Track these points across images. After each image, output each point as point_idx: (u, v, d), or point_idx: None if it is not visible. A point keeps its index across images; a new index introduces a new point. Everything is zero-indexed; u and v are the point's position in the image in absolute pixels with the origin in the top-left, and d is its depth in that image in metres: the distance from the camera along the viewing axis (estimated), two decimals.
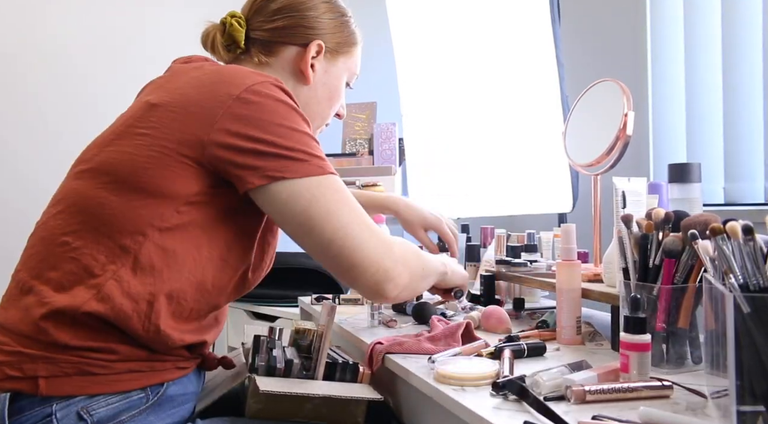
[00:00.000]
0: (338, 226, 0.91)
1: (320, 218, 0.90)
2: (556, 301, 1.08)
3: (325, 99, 1.10)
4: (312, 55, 1.04)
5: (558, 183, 1.80)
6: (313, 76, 1.06)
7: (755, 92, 1.86)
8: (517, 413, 0.74)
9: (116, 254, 0.86)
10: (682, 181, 1.06)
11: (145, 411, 0.87)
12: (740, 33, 1.89)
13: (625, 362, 0.80)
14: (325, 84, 1.09)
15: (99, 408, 0.83)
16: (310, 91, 1.07)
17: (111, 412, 0.84)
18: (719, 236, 0.67)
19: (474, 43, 2.06)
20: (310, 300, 1.60)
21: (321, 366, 0.97)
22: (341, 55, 1.09)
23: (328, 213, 0.90)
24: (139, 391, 0.87)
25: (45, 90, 2.36)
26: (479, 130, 2.06)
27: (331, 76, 1.09)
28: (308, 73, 1.05)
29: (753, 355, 0.61)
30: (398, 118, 2.41)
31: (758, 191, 1.86)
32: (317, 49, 1.05)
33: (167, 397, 0.90)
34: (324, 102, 1.10)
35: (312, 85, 1.07)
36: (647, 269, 0.89)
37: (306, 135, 0.91)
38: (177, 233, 0.88)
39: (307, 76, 1.05)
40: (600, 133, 1.24)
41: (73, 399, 0.83)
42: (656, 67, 2.21)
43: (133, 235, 0.86)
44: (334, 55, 1.08)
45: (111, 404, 0.84)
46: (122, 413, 0.85)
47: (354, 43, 1.11)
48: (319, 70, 1.07)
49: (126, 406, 0.85)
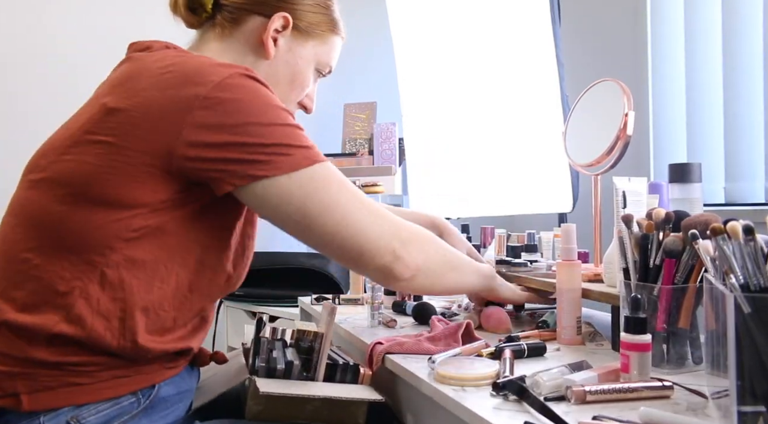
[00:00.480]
0: (339, 217, 0.88)
1: (318, 213, 0.87)
2: (556, 301, 1.07)
3: (287, 80, 1.02)
4: (276, 27, 0.97)
5: (558, 183, 1.80)
6: (274, 50, 0.98)
7: (755, 92, 1.86)
8: (518, 413, 0.73)
9: (81, 270, 0.81)
10: (683, 181, 1.06)
11: (137, 415, 0.84)
12: (740, 33, 1.89)
13: (626, 363, 0.80)
14: (288, 63, 1.01)
15: (89, 416, 0.81)
16: (270, 68, 0.99)
17: (101, 420, 0.82)
18: (720, 235, 0.67)
19: (474, 43, 2.06)
20: (310, 300, 1.60)
21: (321, 367, 0.96)
22: (312, 38, 1.02)
23: (325, 206, 0.87)
24: (129, 396, 0.84)
25: (43, 90, 2.35)
26: (479, 130, 2.06)
27: (296, 56, 1.01)
28: (268, 46, 0.97)
29: (754, 355, 0.61)
30: (398, 118, 2.41)
31: (759, 191, 1.86)
32: (283, 22, 0.97)
33: (160, 398, 0.88)
34: (285, 83, 1.02)
35: (272, 61, 0.99)
36: (648, 269, 0.89)
37: (286, 126, 0.85)
38: (145, 242, 0.82)
39: (266, 49, 0.97)
40: (600, 133, 1.24)
41: (60, 410, 0.80)
42: (656, 67, 2.21)
43: (98, 249, 0.81)
44: (303, 35, 1.00)
45: (101, 411, 0.82)
46: (113, 420, 0.82)
47: (331, 30, 1.05)
48: (283, 46, 0.99)
49: (117, 412, 0.83)
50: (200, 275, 0.89)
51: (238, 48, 0.98)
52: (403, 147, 2.43)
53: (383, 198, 2.38)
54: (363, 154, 2.59)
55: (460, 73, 2.10)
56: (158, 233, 0.83)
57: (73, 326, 0.80)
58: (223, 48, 0.98)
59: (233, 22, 0.97)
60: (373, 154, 2.55)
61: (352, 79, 2.89)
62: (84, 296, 0.81)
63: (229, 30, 0.98)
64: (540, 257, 1.45)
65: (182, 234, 0.85)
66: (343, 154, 2.63)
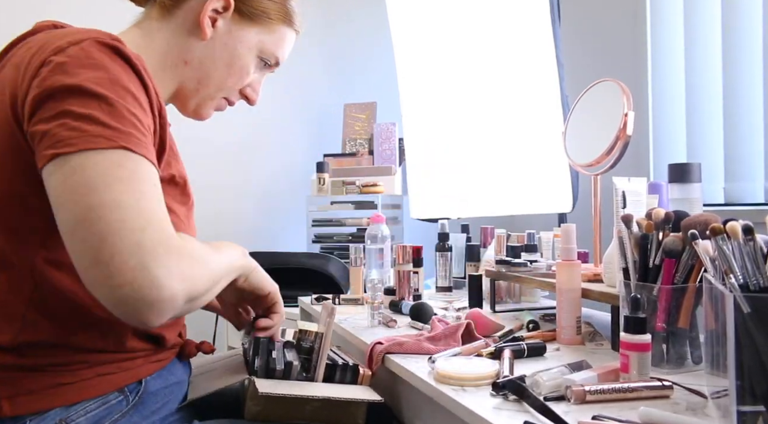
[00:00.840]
0: (95, 204, 0.67)
1: (75, 192, 0.68)
2: (556, 301, 1.08)
3: (224, 64, 0.95)
4: (216, 8, 0.92)
5: (558, 183, 1.80)
6: (211, 32, 0.93)
7: (755, 92, 1.86)
8: (517, 413, 0.74)
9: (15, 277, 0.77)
10: (682, 181, 1.06)
11: (127, 413, 0.83)
12: (740, 33, 1.89)
13: (625, 362, 0.80)
14: (226, 45, 0.95)
15: (78, 418, 0.79)
16: (206, 49, 0.94)
17: (91, 421, 0.79)
18: (719, 235, 0.67)
19: (474, 44, 2.06)
20: (310, 300, 1.60)
21: (321, 368, 0.96)
22: (257, 24, 0.96)
23: (87, 188, 0.68)
24: (116, 393, 0.82)
25: None
26: (479, 130, 2.06)
27: (236, 40, 0.95)
28: (204, 25, 0.92)
29: (753, 355, 0.61)
30: (398, 118, 2.41)
31: (758, 191, 1.86)
32: (223, 3, 0.92)
33: (149, 394, 0.86)
34: (222, 67, 0.95)
35: (209, 42, 0.93)
36: (647, 269, 0.89)
37: (110, 100, 0.72)
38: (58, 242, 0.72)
39: (203, 29, 0.92)
40: (600, 133, 1.24)
41: (47, 413, 0.78)
42: (656, 67, 2.21)
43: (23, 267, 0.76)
44: (247, 20, 0.95)
45: (90, 412, 0.80)
46: (103, 419, 0.80)
47: (281, 20, 0.98)
48: (222, 28, 0.94)
49: (106, 412, 0.81)
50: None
51: (175, 27, 0.93)
52: (403, 147, 2.43)
53: (383, 198, 2.38)
54: (363, 154, 2.59)
55: (460, 73, 2.11)
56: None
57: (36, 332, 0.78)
58: (161, 26, 0.94)
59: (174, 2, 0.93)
60: (373, 154, 2.55)
61: (352, 79, 2.90)
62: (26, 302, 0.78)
63: (169, 8, 0.93)
64: (540, 256, 1.45)
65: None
66: (343, 154, 2.64)
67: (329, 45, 2.82)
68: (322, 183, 2.40)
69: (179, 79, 0.96)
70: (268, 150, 2.70)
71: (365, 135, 2.64)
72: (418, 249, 1.49)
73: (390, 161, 2.51)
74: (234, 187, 2.61)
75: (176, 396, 0.93)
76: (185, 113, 1.02)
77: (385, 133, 2.52)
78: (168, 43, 0.94)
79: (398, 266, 1.47)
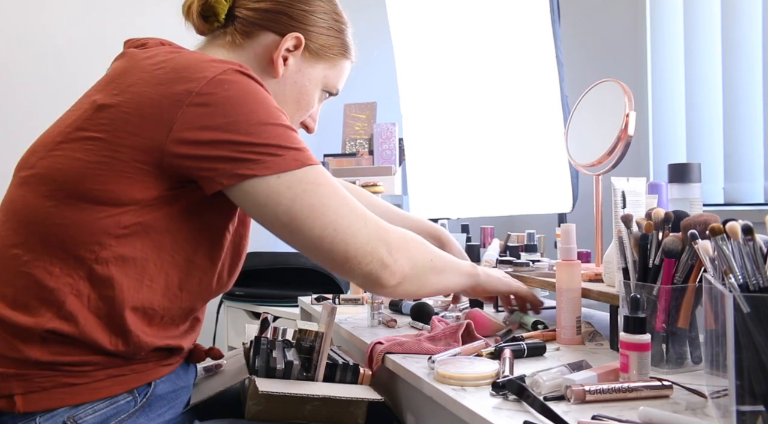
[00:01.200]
0: (326, 221, 0.86)
1: (306, 216, 0.85)
2: (556, 301, 1.08)
3: (293, 100, 1.02)
4: (288, 47, 0.97)
5: (558, 183, 1.80)
6: (284, 70, 0.98)
7: (755, 92, 1.86)
8: (517, 413, 0.74)
9: (71, 266, 0.80)
10: (682, 181, 1.06)
11: (134, 414, 0.84)
12: (740, 33, 1.89)
13: (625, 362, 0.80)
14: (296, 83, 1.01)
15: (86, 417, 0.81)
16: (278, 86, 0.99)
17: (98, 419, 0.81)
18: (719, 236, 0.67)
19: (474, 43, 2.06)
20: (310, 300, 1.60)
21: (321, 367, 0.96)
22: (323, 60, 1.02)
23: (313, 210, 0.85)
24: (125, 394, 0.84)
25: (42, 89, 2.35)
26: (479, 130, 2.06)
27: (305, 78, 1.01)
28: (278, 65, 0.97)
29: (753, 355, 0.61)
30: (398, 118, 2.41)
31: (758, 191, 1.86)
32: (295, 42, 0.97)
33: (156, 397, 0.88)
34: (291, 103, 1.02)
35: (281, 79, 0.99)
36: (647, 269, 0.89)
37: (278, 126, 0.84)
38: (135, 239, 0.82)
39: (276, 68, 0.97)
40: (602, 133, 1.24)
41: (57, 411, 0.80)
42: (656, 67, 2.21)
43: (87, 245, 0.80)
44: (314, 57, 1.01)
45: (98, 411, 0.82)
46: (110, 419, 0.82)
47: (342, 54, 1.05)
48: (293, 66, 0.99)
49: (114, 412, 0.83)
50: (190, 274, 0.88)
51: (246, 61, 0.96)
52: (403, 147, 2.43)
53: (383, 198, 2.38)
54: (363, 154, 2.59)
55: (460, 73, 2.11)
56: (148, 231, 0.82)
57: (66, 322, 0.79)
58: (231, 58, 0.96)
59: (245, 35, 0.97)
60: (373, 154, 2.55)
61: (352, 79, 2.89)
62: (74, 292, 0.80)
63: (240, 42, 0.97)
64: (540, 256, 1.46)
65: (172, 232, 0.84)
66: (343, 154, 2.64)
67: None
68: None
69: None
70: None
71: (365, 135, 2.64)
72: None
73: (390, 161, 2.51)
74: None
75: (182, 399, 0.94)
76: None
77: (385, 133, 2.52)
78: None
79: None
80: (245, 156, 0.81)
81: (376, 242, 0.91)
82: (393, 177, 2.42)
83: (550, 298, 1.55)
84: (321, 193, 0.86)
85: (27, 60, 2.33)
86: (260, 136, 0.82)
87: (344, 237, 0.88)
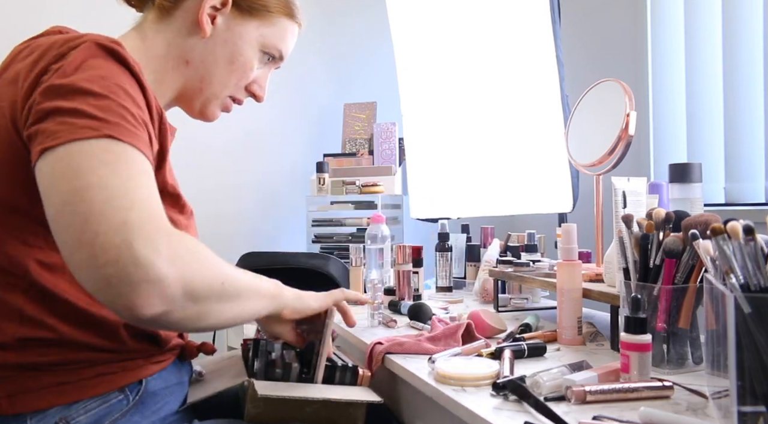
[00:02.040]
0: (79, 186, 0.65)
1: (61, 179, 0.66)
2: (557, 301, 1.07)
3: (225, 61, 0.94)
4: (214, 5, 0.92)
5: (558, 183, 1.80)
6: (211, 29, 0.92)
7: (756, 92, 1.86)
8: (517, 413, 0.73)
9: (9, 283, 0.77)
10: (683, 181, 1.06)
11: (127, 413, 0.82)
12: (740, 33, 1.89)
13: (626, 363, 0.80)
14: (227, 42, 0.94)
15: (78, 417, 0.78)
16: (207, 47, 0.93)
17: (91, 419, 0.79)
18: (720, 235, 0.67)
19: (474, 43, 2.06)
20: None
21: (320, 370, 0.96)
22: (256, 17, 0.95)
23: (72, 173, 0.66)
24: (117, 393, 0.82)
25: None
26: (479, 130, 2.05)
27: (236, 36, 0.94)
28: (203, 23, 0.91)
29: (754, 355, 0.61)
30: (398, 118, 2.41)
31: (759, 191, 1.86)
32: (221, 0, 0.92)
33: (149, 394, 0.86)
34: (223, 64, 0.94)
35: (209, 40, 0.93)
36: (648, 269, 0.89)
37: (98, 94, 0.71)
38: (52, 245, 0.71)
39: (202, 27, 0.91)
40: (602, 133, 1.24)
41: (48, 411, 0.77)
42: (656, 67, 2.21)
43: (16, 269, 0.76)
44: (245, 14, 0.94)
45: (90, 410, 0.80)
46: (104, 418, 0.80)
47: (281, 12, 0.97)
48: (221, 24, 0.93)
49: (106, 411, 0.81)
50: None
51: (175, 29, 0.92)
52: (403, 147, 2.43)
53: (383, 198, 2.38)
54: (363, 154, 2.59)
55: (461, 73, 2.10)
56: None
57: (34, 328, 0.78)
58: (160, 28, 0.94)
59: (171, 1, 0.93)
60: (373, 154, 2.55)
61: (352, 79, 2.90)
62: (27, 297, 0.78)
63: (167, 10, 0.93)
64: (540, 256, 1.45)
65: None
66: (343, 154, 2.63)
67: (329, 45, 2.82)
68: (322, 183, 2.40)
69: (182, 80, 0.96)
70: (268, 150, 2.70)
71: (365, 135, 2.64)
72: (418, 249, 1.49)
73: (390, 161, 2.51)
74: (234, 188, 2.61)
75: (177, 397, 0.93)
76: (192, 114, 1.01)
77: (385, 133, 2.52)
78: (168, 45, 0.93)
79: (398, 266, 1.47)
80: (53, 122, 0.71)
81: (144, 237, 0.63)
82: (393, 177, 2.42)
83: (551, 298, 1.55)
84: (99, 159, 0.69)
85: None
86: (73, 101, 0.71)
87: (89, 210, 0.64)
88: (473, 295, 1.60)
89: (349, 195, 2.38)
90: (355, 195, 2.38)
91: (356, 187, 2.37)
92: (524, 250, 1.52)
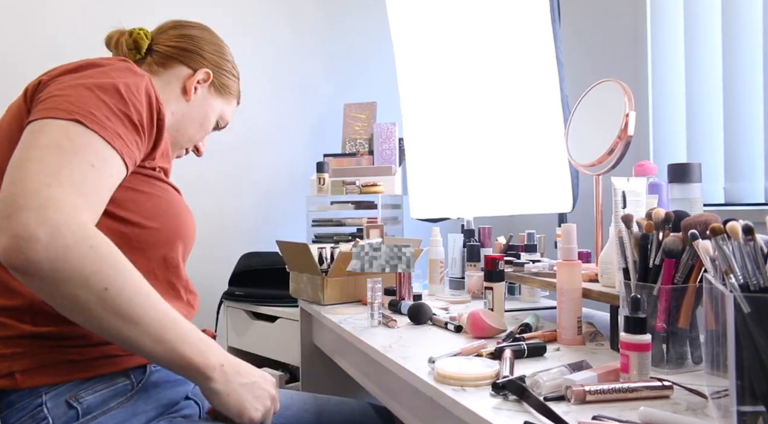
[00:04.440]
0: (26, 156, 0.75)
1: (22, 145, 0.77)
2: (557, 301, 1.07)
3: (197, 122, 1.16)
4: (200, 78, 1.13)
5: (558, 183, 1.80)
6: (194, 96, 1.13)
7: (755, 92, 1.86)
8: (517, 413, 0.74)
9: None
10: (683, 181, 1.06)
11: (132, 397, 0.89)
12: (740, 33, 1.89)
13: (626, 362, 0.80)
14: (201, 108, 1.15)
15: (87, 396, 0.85)
16: (188, 108, 1.13)
17: (99, 399, 0.85)
18: (719, 235, 0.67)
19: (474, 43, 2.06)
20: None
21: None
22: (222, 96, 1.18)
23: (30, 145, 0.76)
24: (123, 378, 0.89)
25: None
26: (479, 130, 2.05)
27: (207, 106, 1.16)
28: (191, 91, 1.12)
29: (753, 355, 0.61)
30: (398, 118, 2.41)
31: (758, 191, 1.86)
32: (205, 76, 1.13)
33: (152, 383, 0.92)
34: (195, 124, 1.16)
35: (190, 103, 1.13)
36: (647, 269, 0.89)
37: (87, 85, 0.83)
38: None
39: (189, 93, 1.12)
40: (602, 133, 1.24)
41: (60, 388, 0.84)
42: (656, 67, 2.21)
43: None
44: (217, 91, 1.17)
45: (98, 391, 0.86)
46: (110, 400, 0.86)
47: (234, 96, 1.22)
48: (200, 94, 1.14)
49: (112, 393, 0.87)
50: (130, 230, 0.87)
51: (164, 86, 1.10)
52: (403, 147, 2.43)
53: (383, 198, 2.38)
54: (363, 154, 2.59)
55: (460, 73, 2.10)
56: None
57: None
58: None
59: (162, 65, 1.11)
60: (373, 154, 2.55)
61: (352, 79, 2.90)
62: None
63: (158, 69, 1.12)
64: (540, 256, 1.45)
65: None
66: (343, 154, 2.63)
67: (329, 45, 2.82)
68: (322, 183, 2.40)
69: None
70: (268, 150, 2.70)
71: (365, 135, 2.64)
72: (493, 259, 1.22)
73: (390, 161, 2.51)
74: (234, 187, 2.61)
75: (181, 388, 0.96)
76: None
77: (385, 133, 2.52)
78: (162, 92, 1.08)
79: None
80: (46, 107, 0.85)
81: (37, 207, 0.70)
82: (393, 177, 2.42)
83: (551, 298, 1.55)
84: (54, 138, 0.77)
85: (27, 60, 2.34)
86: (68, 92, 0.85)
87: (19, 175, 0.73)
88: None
89: (349, 195, 2.38)
90: (355, 195, 2.38)
91: (356, 188, 2.37)
92: (524, 250, 1.52)
